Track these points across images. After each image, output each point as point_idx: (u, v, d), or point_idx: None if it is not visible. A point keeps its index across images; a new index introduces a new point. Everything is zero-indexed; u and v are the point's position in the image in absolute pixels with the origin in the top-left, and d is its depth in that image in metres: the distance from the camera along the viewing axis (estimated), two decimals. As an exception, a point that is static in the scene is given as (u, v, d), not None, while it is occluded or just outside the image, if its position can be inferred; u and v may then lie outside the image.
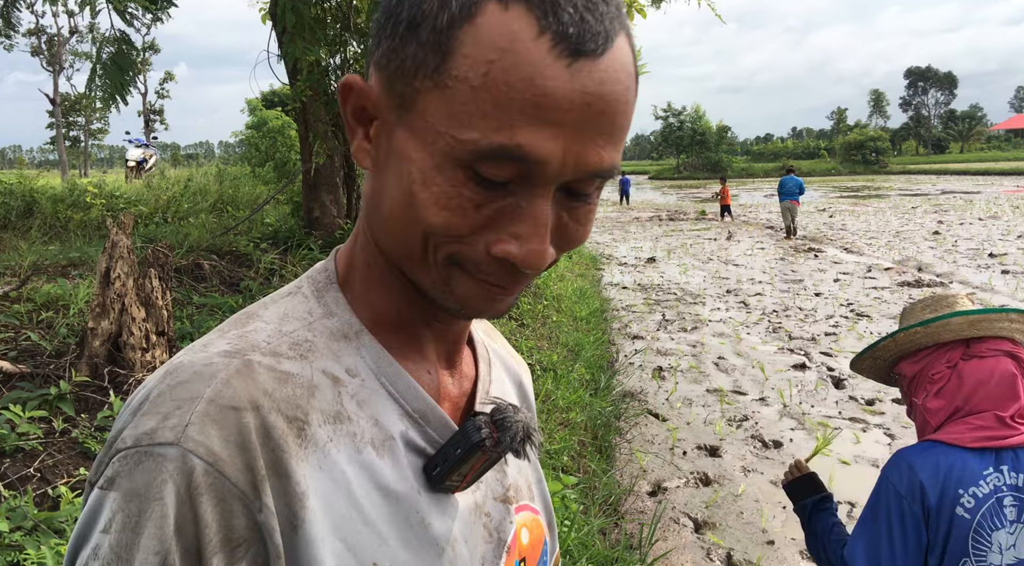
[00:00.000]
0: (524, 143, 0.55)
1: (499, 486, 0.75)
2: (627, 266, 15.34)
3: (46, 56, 43.06)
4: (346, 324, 0.66)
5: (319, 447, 0.59)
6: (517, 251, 0.58)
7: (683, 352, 8.44)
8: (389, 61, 0.59)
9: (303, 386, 0.61)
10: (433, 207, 0.58)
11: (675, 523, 4.59)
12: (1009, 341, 1.82)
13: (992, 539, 1.72)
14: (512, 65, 0.54)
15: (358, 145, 0.64)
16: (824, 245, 17.61)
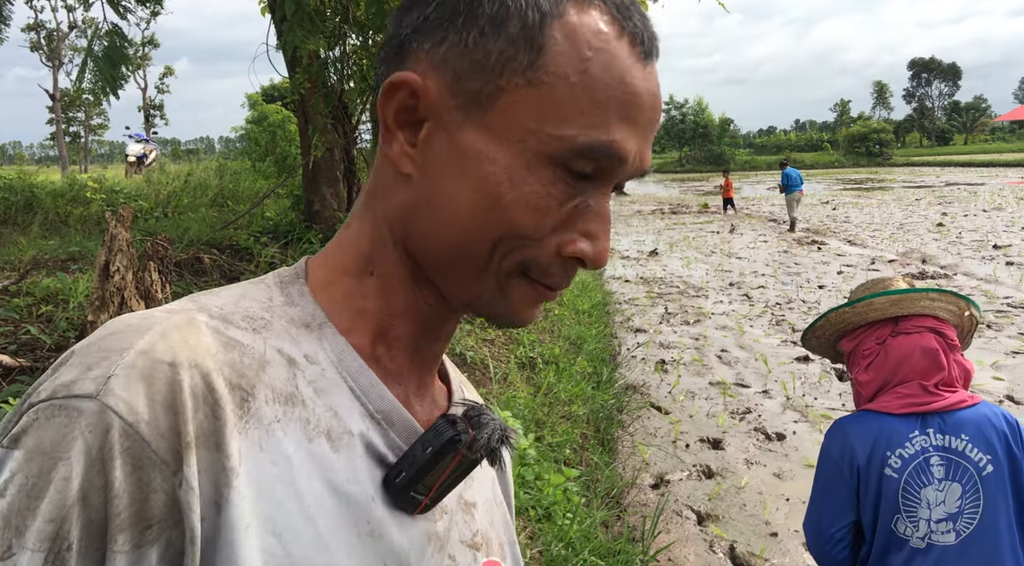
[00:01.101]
0: (617, 139, 0.56)
1: (467, 529, 0.67)
2: (629, 259, 15.31)
3: (45, 51, 43.05)
4: (309, 314, 0.61)
5: (263, 424, 0.52)
6: (591, 250, 0.59)
7: (686, 345, 8.41)
8: (460, 57, 0.56)
9: (253, 357, 0.54)
10: (523, 208, 0.56)
11: (678, 516, 4.58)
12: (933, 318, 1.96)
13: (921, 496, 1.86)
14: (607, 63, 0.56)
15: (399, 149, 0.59)
16: (827, 238, 17.57)
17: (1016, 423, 1.92)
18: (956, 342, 1.96)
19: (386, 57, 0.62)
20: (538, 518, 3.53)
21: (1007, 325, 8.72)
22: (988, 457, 1.85)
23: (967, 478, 1.85)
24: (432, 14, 0.58)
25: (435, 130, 0.58)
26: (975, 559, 1.81)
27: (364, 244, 0.63)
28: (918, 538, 1.86)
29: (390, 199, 0.61)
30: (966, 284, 11.25)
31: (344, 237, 0.65)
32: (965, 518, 1.83)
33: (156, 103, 52.76)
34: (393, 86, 0.58)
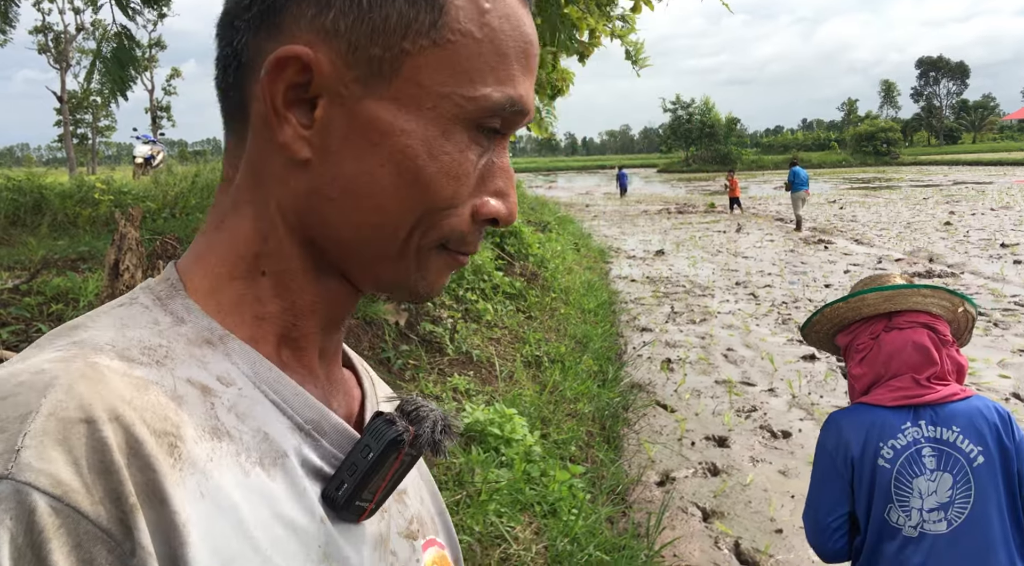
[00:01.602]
0: (523, 93, 0.54)
1: (402, 519, 0.64)
2: (636, 259, 15.31)
3: (53, 54, 43.26)
4: (205, 329, 0.53)
5: (198, 468, 0.46)
6: (504, 208, 0.56)
7: (692, 344, 8.42)
8: (353, 24, 0.51)
9: (168, 396, 0.47)
10: (444, 179, 0.53)
11: (683, 512, 4.59)
12: (926, 314, 1.99)
13: (913, 486, 1.90)
14: (505, 14, 0.53)
15: (293, 133, 0.52)
16: (834, 237, 17.53)
17: (1008, 415, 1.95)
18: (948, 337, 1.99)
19: (247, 21, 0.53)
20: (543, 514, 3.55)
21: (1014, 323, 8.70)
22: (979, 448, 1.88)
23: (958, 468, 1.88)
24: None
25: (332, 107, 0.52)
26: (966, 547, 1.85)
27: (248, 244, 0.56)
28: (911, 527, 1.89)
29: (283, 189, 0.54)
30: (973, 283, 11.22)
31: (218, 239, 0.57)
32: (956, 507, 1.87)
33: (163, 105, 52.98)
34: (280, 63, 0.51)
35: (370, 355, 4.66)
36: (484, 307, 6.51)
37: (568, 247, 12.61)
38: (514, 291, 7.54)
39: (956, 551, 1.85)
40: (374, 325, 4.99)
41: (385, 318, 5.12)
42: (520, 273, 8.43)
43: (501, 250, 8.71)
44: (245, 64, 0.54)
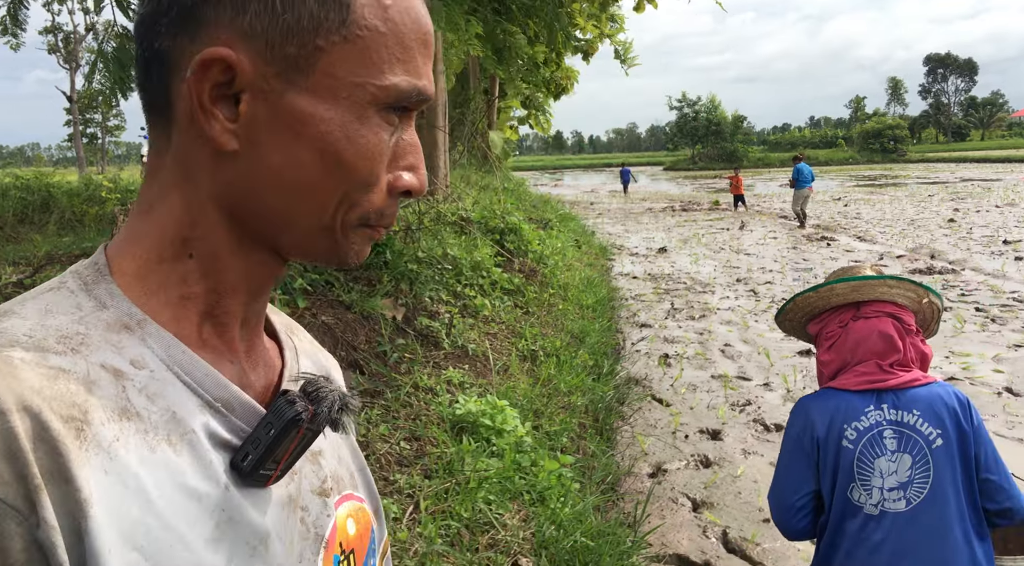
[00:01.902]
0: (427, 80, 0.60)
1: (315, 478, 0.69)
2: (638, 256, 15.38)
3: (63, 54, 43.48)
4: (124, 314, 0.58)
5: (103, 448, 0.51)
6: (416, 181, 0.62)
7: (690, 339, 8.49)
8: (269, 24, 0.55)
9: (79, 382, 0.52)
10: (363, 160, 0.58)
11: (673, 503, 4.67)
12: (892, 304, 2.09)
13: (874, 466, 2.00)
14: (404, 7, 0.59)
15: (220, 127, 0.57)
16: (837, 234, 17.55)
17: (967, 401, 2.04)
18: (912, 327, 2.09)
19: (166, 24, 0.57)
20: (532, 502, 3.64)
21: (1011, 319, 8.74)
22: (938, 431, 1.98)
23: (917, 450, 1.98)
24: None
25: (256, 102, 0.57)
26: (924, 524, 1.94)
27: (177, 228, 0.61)
28: (871, 505, 1.99)
29: (213, 178, 0.59)
30: (973, 279, 11.25)
31: (147, 224, 0.61)
32: (915, 487, 1.96)
33: (171, 104, 53.02)
34: (204, 64, 0.55)
35: (367, 349, 4.76)
36: (482, 303, 6.60)
37: (569, 244, 12.67)
38: (512, 287, 7.62)
39: (914, 528, 1.94)
40: (371, 319, 5.08)
41: (383, 313, 5.22)
42: (519, 269, 8.51)
43: (501, 247, 8.79)
44: (167, 64, 0.58)
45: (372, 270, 5.80)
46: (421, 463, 3.68)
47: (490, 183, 14.95)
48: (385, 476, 3.50)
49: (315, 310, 4.75)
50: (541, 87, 19.64)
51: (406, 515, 3.21)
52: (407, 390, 4.37)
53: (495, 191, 13.56)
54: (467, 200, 10.68)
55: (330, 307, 4.95)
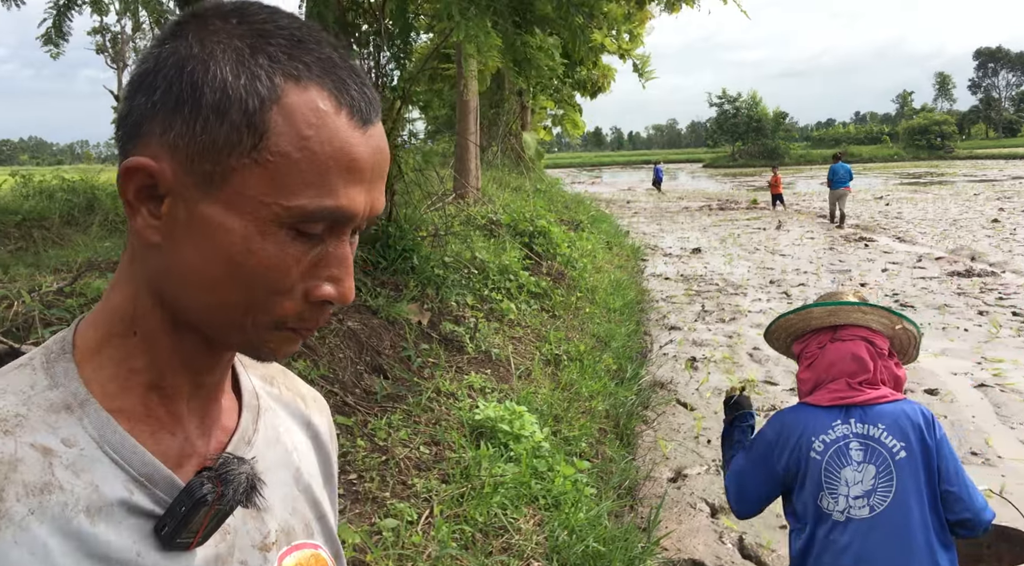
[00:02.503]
0: (345, 203, 0.64)
1: (257, 534, 0.75)
2: (671, 257, 15.34)
3: (110, 54, 44.57)
4: (70, 395, 0.66)
5: (15, 521, 0.59)
6: (335, 291, 0.67)
7: (718, 343, 8.49)
8: (189, 142, 0.62)
9: (3, 462, 0.61)
10: (262, 270, 0.63)
11: (691, 508, 4.72)
12: (866, 329, 2.28)
13: (840, 475, 2.17)
14: (327, 138, 0.63)
15: (144, 222, 0.64)
16: (876, 234, 17.30)
17: (931, 417, 2.21)
18: (885, 350, 2.26)
19: (124, 133, 0.66)
20: (547, 506, 3.72)
21: (1049, 325, 8.59)
22: (902, 444, 2.14)
23: (881, 461, 2.14)
24: (159, 101, 0.62)
25: (175, 205, 0.63)
26: (887, 530, 2.10)
27: (126, 306, 0.69)
28: (838, 512, 2.16)
29: (146, 265, 0.67)
30: (1014, 282, 11.06)
31: (108, 302, 0.70)
32: (879, 495, 2.13)
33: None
34: (129, 170, 0.63)
35: (391, 354, 4.88)
36: (508, 306, 6.69)
37: (599, 246, 12.69)
38: (539, 290, 7.70)
39: (877, 533, 2.10)
40: (396, 324, 5.21)
41: (408, 318, 5.34)
42: (547, 272, 8.59)
43: (529, 250, 8.87)
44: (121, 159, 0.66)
45: (399, 275, 5.93)
46: (439, 468, 3.79)
47: (522, 184, 15.04)
48: (403, 480, 3.61)
49: (341, 316, 4.88)
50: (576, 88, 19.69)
51: (421, 519, 3.31)
52: (429, 395, 4.48)
53: (526, 193, 13.64)
54: (497, 203, 10.78)
55: (356, 312, 5.09)
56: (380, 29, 5.48)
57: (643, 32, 17.08)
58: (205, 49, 0.62)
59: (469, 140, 10.49)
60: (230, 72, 0.62)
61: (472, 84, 10.79)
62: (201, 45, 0.63)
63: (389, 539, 3.08)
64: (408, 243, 6.16)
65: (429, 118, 22.52)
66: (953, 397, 6.48)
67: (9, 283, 4.75)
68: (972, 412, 6.14)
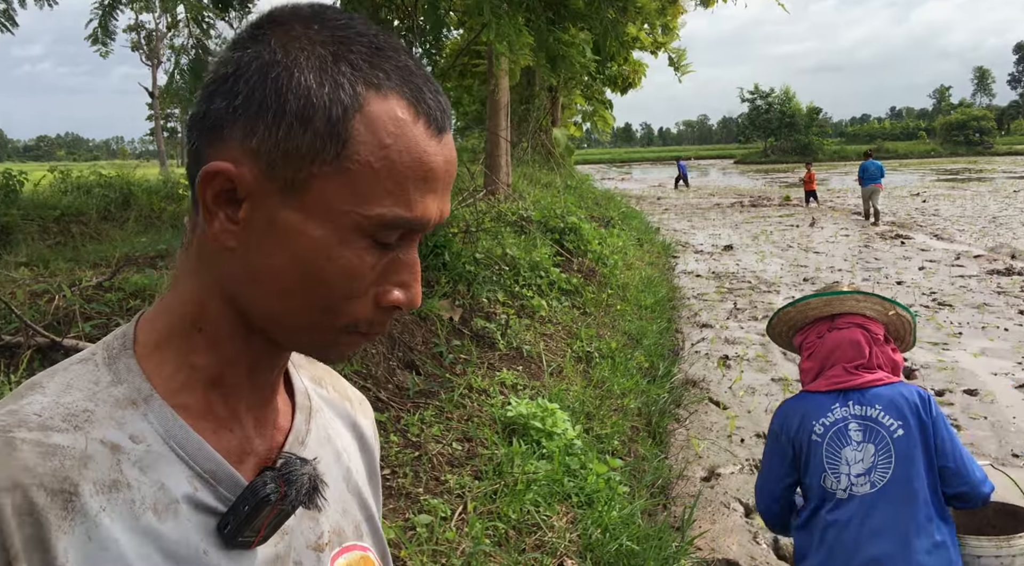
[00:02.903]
0: (419, 213, 0.65)
1: (311, 534, 0.75)
2: (703, 254, 15.21)
3: (145, 51, 45.18)
4: (134, 390, 0.66)
5: (89, 517, 0.60)
6: (404, 297, 0.68)
7: (751, 341, 8.40)
8: (272, 148, 0.62)
9: (74, 458, 0.61)
10: (339, 276, 0.64)
11: (725, 507, 4.68)
12: (861, 316, 2.38)
13: (841, 455, 2.28)
14: (405, 148, 0.64)
15: (221, 226, 0.64)
16: (912, 231, 17.02)
17: (928, 396, 2.31)
18: (880, 336, 2.37)
19: (201, 131, 0.66)
20: (579, 504, 3.71)
21: (1093, 324, 8.38)
22: (899, 423, 2.25)
23: (879, 440, 2.25)
24: (241, 106, 0.63)
25: (254, 210, 0.64)
26: (887, 505, 2.20)
27: (191, 306, 0.69)
28: (841, 490, 2.27)
29: (219, 268, 0.67)
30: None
31: (170, 299, 0.71)
32: (879, 471, 2.24)
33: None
34: (209, 174, 0.63)
35: (423, 350, 4.89)
36: (539, 303, 6.68)
37: (630, 243, 12.62)
38: (570, 287, 7.67)
39: (878, 508, 2.21)
40: (428, 321, 5.21)
41: (439, 314, 5.35)
42: (578, 269, 8.55)
43: (560, 246, 8.84)
44: (196, 161, 0.66)
45: (430, 271, 5.94)
46: (472, 464, 3.78)
47: (553, 180, 15.00)
48: (436, 476, 3.61)
49: (374, 311, 4.89)
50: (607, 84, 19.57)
51: (455, 515, 3.31)
52: (461, 391, 4.48)
53: (557, 189, 13.60)
54: (528, 199, 10.76)
55: (389, 308, 5.10)
56: (412, 25, 5.49)
57: (677, 26, 16.93)
58: (289, 55, 0.63)
59: (499, 136, 10.47)
60: (314, 80, 0.62)
61: (503, 80, 10.77)
62: (284, 51, 0.63)
63: (423, 535, 3.09)
64: (439, 239, 6.17)
65: (459, 114, 22.56)
66: (993, 398, 6.35)
67: (50, 278, 4.84)
68: (1013, 413, 6.01)
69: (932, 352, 7.66)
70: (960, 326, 8.65)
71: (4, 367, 3.46)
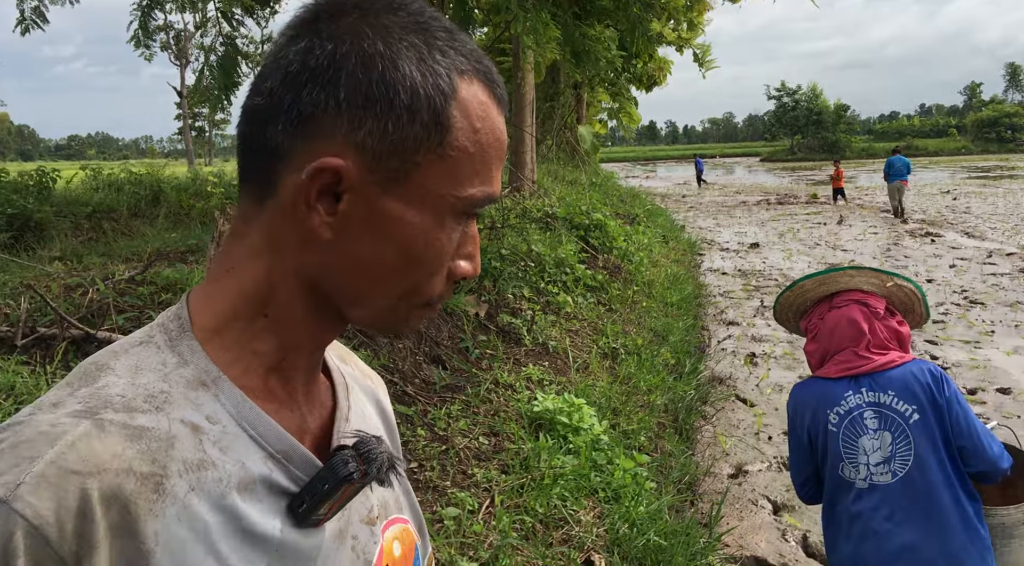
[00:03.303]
0: (497, 189, 0.70)
1: (363, 509, 0.77)
2: (729, 251, 15.10)
3: (173, 51, 45.65)
4: (202, 372, 0.66)
5: (178, 499, 0.60)
6: (471, 268, 0.72)
7: (779, 338, 8.32)
8: (380, 141, 0.63)
9: (160, 439, 0.61)
10: (434, 258, 0.68)
11: (753, 505, 4.64)
12: (859, 292, 2.33)
13: (858, 444, 2.25)
14: (490, 129, 0.68)
15: (320, 220, 0.65)
16: (943, 229, 16.76)
17: (940, 375, 2.25)
18: (880, 311, 2.31)
19: (286, 124, 0.64)
20: (606, 499, 3.70)
21: None
22: (913, 407, 2.20)
23: (895, 426, 2.21)
24: (344, 99, 0.63)
25: (355, 202, 0.65)
26: (911, 492, 2.17)
27: (257, 291, 0.68)
28: (860, 480, 2.24)
29: (301, 256, 0.67)
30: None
31: (228, 283, 0.69)
32: (898, 460, 2.20)
33: (273, 99, 54.97)
34: (319, 170, 0.63)
35: (449, 345, 4.90)
36: (564, 299, 6.67)
37: (655, 240, 12.56)
38: (595, 284, 7.65)
39: (902, 496, 2.17)
40: (454, 316, 5.23)
41: (466, 309, 5.36)
42: (603, 266, 8.53)
43: (585, 243, 8.82)
44: (278, 154, 0.65)
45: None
46: (498, 458, 3.79)
47: (578, 178, 14.96)
48: (463, 470, 3.62)
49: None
50: (632, 82, 19.48)
51: (482, 509, 3.32)
52: (487, 386, 4.49)
53: (582, 186, 13.57)
54: (553, 196, 10.74)
55: (415, 303, 5.12)
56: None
57: (703, 21, 16.81)
58: (391, 47, 0.64)
59: (525, 132, 10.46)
60: (416, 70, 0.64)
61: (528, 77, 10.76)
62: (385, 43, 0.64)
63: (451, 527, 3.10)
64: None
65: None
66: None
67: (83, 272, 4.91)
68: (1048, 413, 5.91)
69: (964, 350, 7.55)
70: (993, 324, 8.51)
71: (40, 358, 3.52)
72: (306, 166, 0.63)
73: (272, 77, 0.66)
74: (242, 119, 0.69)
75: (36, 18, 7.94)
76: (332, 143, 0.64)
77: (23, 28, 8.01)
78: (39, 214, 8.18)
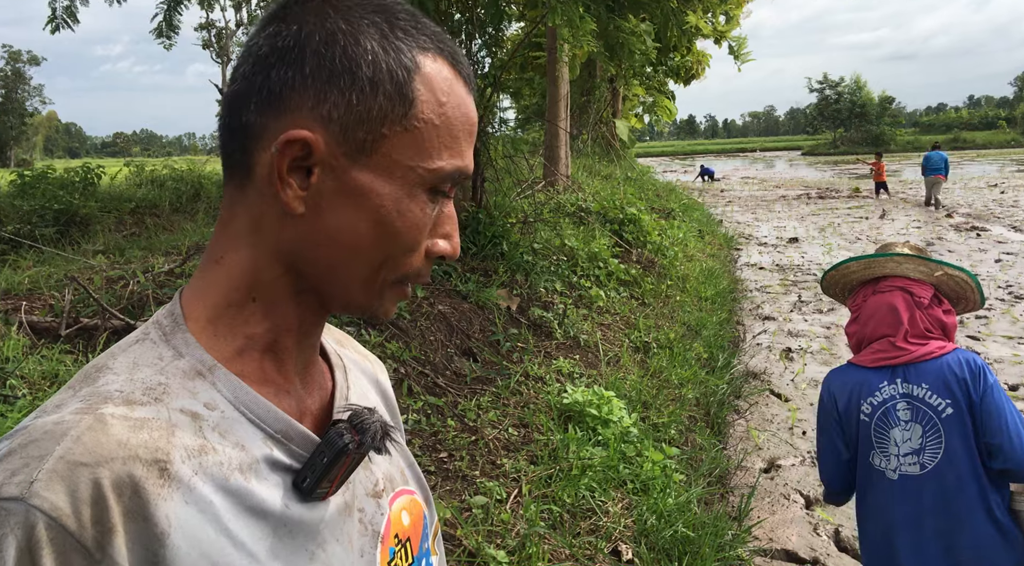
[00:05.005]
0: (468, 163, 0.72)
1: (368, 483, 0.79)
2: (767, 246, 14.92)
3: (215, 49, 46.40)
4: (198, 362, 0.68)
5: (184, 482, 0.62)
6: (449, 247, 0.74)
7: (816, 334, 8.23)
8: (345, 113, 0.66)
9: (161, 428, 0.63)
10: (408, 230, 0.69)
11: (785, 499, 4.62)
12: (904, 279, 2.29)
13: (889, 435, 2.26)
14: (456, 104, 0.70)
15: (293, 193, 0.67)
16: (989, 223, 16.39)
17: (980, 367, 2.20)
18: (925, 300, 2.27)
19: (256, 105, 0.67)
20: (635, 490, 3.71)
21: None
22: (947, 401, 2.18)
23: (927, 420, 2.21)
24: (310, 74, 0.66)
25: (325, 175, 0.67)
26: (939, 485, 2.17)
27: (244, 277, 0.70)
28: (891, 470, 2.26)
29: (278, 234, 0.69)
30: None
31: (217, 272, 0.71)
32: (928, 453, 2.20)
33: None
34: (288, 142, 0.65)
35: (480, 337, 4.94)
36: (597, 293, 6.67)
37: (691, 235, 12.46)
38: (628, 278, 7.63)
39: (929, 489, 2.18)
40: (486, 309, 5.26)
41: (497, 303, 5.39)
42: (636, 260, 8.50)
43: (619, 237, 8.80)
44: (252, 135, 0.68)
45: (488, 261, 5.99)
46: (527, 449, 3.82)
47: (612, 172, 14.91)
48: (492, 460, 3.66)
49: (432, 300, 4.97)
50: (669, 75, 19.32)
51: (510, 498, 3.36)
52: (517, 378, 4.52)
53: (616, 181, 13.52)
54: (587, 190, 10.73)
55: (447, 297, 5.17)
56: (472, 17, 5.54)
57: (739, 14, 16.62)
58: (352, 24, 0.67)
59: (559, 127, 10.45)
60: (379, 46, 0.67)
61: (563, 71, 10.75)
62: (347, 21, 0.67)
63: (479, 515, 3.14)
64: (498, 230, 6.22)
65: (520, 107, 22.55)
66: (1072, 394, 6.10)
67: (125, 265, 5.05)
68: (1093, 410, 5.77)
69: (1008, 346, 7.39)
70: None
71: (83, 348, 3.64)
72: None
73: (245, 63, 0.69)
74: (222, 108, 0.72)
75: (67, 17, 8.07)
76: (300, 117, 0.66)
77: (53, 27, 8.11)
78: (84, 209, 8.41)
